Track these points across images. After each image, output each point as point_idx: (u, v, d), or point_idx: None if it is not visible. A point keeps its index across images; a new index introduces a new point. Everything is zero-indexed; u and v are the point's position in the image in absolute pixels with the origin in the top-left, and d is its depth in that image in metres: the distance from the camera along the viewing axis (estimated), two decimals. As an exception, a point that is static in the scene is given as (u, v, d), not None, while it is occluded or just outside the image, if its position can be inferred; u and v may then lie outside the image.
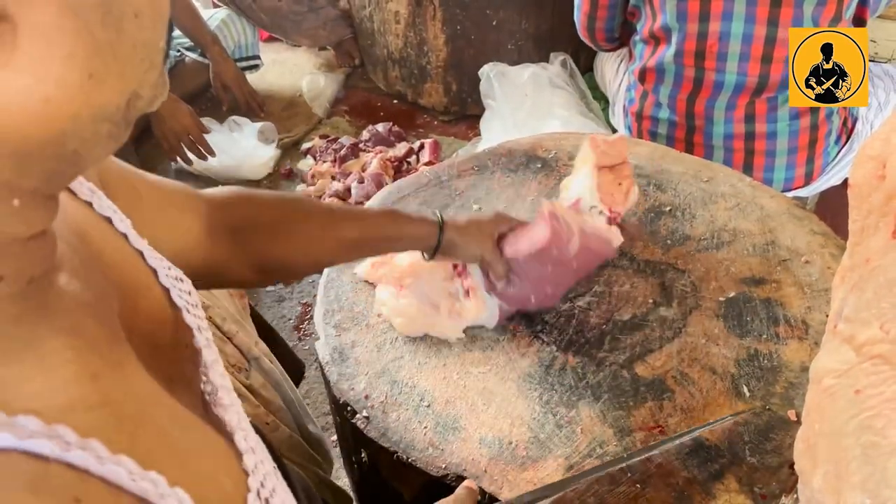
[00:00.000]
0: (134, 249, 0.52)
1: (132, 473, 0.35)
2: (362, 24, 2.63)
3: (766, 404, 0.91)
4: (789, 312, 1.01)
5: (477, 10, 2.32)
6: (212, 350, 0.53)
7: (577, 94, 2.32)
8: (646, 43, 1.61)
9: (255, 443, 0.51)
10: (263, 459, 0.51)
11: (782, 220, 1.15)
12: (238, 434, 0.49)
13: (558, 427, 0.90)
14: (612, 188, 1.07)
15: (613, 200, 1.07)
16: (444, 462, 0.88)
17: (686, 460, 0.85)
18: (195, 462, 0.42)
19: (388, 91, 2.72)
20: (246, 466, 0.47)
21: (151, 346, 0.48)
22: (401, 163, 2.27)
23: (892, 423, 0.56)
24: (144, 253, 0.52)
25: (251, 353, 1.07)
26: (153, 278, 0.52)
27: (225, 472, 0.45)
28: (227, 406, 0.51)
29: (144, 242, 0.53)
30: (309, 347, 1.79)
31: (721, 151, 1.58)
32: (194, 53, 2.52)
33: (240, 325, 1.07)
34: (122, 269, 0.49)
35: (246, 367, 1.05)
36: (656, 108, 1.62)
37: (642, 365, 0.96)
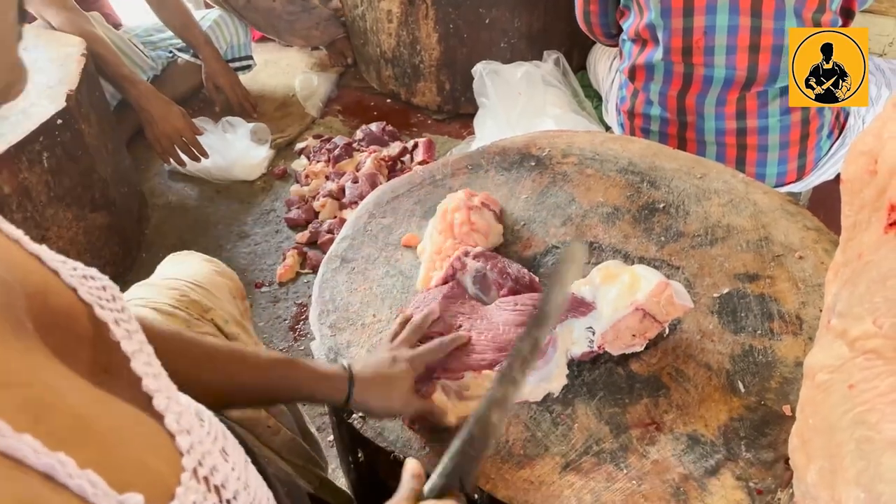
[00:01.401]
0: (30, 254, 0.53)
1: (37, 452, 0.36)
2: (355, 23, 2.62)
3: (761, 400, 0.91)
4: (783, 308, 1.02)
5: (469, 9, 2.32)
6: (132, 342, 0.55)
7: (570, 92, 2.33)
8: (634, 42, 1.62)
9: (195, 424, 0.53)
10: (204, 440, 0.52)
11: (776, 216, 1.16)
12: (169, 417, 0.50)
13: (554, 425, 0.90)
14: (626, 332, 0.94)
15: (615, 343, 0.95)
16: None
17: (682, 456, 0.85)
18: (117, 447, 0.43)
19: (381, 90, 2.72)
20: (180, 447, 0.48)
21: (74, 339, 0.50)
22: (395, 162, 2.27)
23: (885, 418, 0.57)
24: (42, 256, 0.54)
25: None
26: (57, 279, 0.53)
27: (155, 455, 0.46)
28: (154, 391, 0.52)
29: (40, 247, 0.54)
30: (305, 348, 1.79)
31: (714, 147, 1.58)
32: (186, 54, 2.52)
33: (241, 326, 1.07)
34: (26, 269, 0.51)
35: None
36: (647, 106, 1.62)
37: (637, 362, 0.96)
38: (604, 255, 1.13)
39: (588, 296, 0.96)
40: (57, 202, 1.70)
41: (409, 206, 1.26)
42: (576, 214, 1.21)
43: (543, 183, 1.28)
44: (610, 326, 0.93)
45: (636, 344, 0.95)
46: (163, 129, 2.10)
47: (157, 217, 2.23)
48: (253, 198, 2.28)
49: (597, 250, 1.14)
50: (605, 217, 1.19)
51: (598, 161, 1.31)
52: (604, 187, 1.25)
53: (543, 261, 1.13)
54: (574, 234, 1.17)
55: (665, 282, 0.93)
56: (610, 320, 0.93)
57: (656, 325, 0.94)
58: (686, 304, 0.93)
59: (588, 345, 0.94)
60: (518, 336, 0.82)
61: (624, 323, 0.93)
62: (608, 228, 1.17)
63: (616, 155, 1.32)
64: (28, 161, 1.59)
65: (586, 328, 0.95)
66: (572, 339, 0.95)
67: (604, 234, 1.16)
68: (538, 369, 0.93)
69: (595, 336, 0.94)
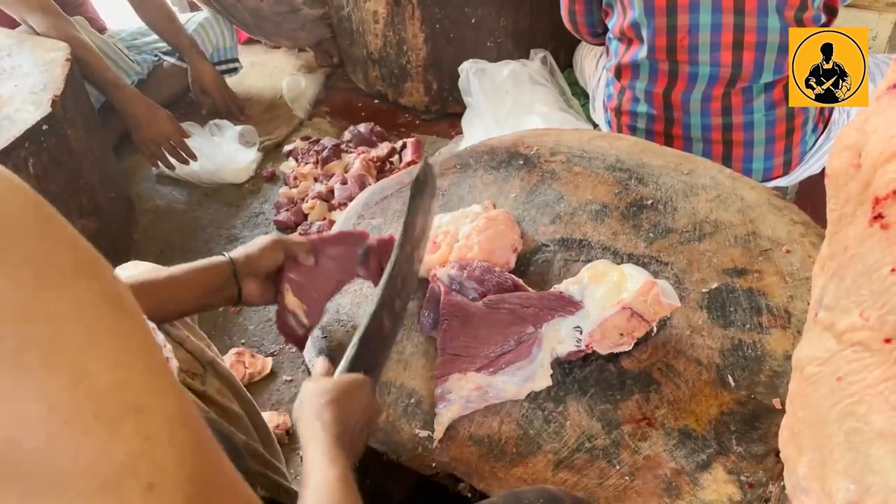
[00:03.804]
0: None
1: None
2: (341, 24, 2.62)
3: (750, 393, 0.91)
4: (772, 302, 1.02)
5: (455, 9, 2.32)
6: None
7: (557, 90, 2.33)
8: (620, 40, 1.62)
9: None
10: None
11: (763, 211, 1.16)
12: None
13: (546, 422, 0.90)
14: (614, 332, 0.94)
15: (602, 342, 0.95)
16: (433, 461, 0.88)
17: (673, 451, 0.86)
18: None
19: (368, 91, 2.72)
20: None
21: None
22: (383, 163, 2.27)
23: (873, 409, 0.57)
24: None
25: (205, 356, 1.04)
26: None
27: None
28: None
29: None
30: (295, 350, 1.78)
31: (700, 143, 1.59)
32: (172, 58, 2.50)
33: (190, 328, 1.06)
34: None
35: (200, 373, 1.02)
36: (634, 103, 1.63)
37: (628, 358, 0.97)
38: (593, 252, 1.13)
39: (576, 295, 0.96)
40: (44, 208, 1.69)
41: (399, 207, 1.26)
42: (564, 212, 1.21)
43: (532, 181, 1.28)
44: (597, 325, 0.93)
45: (624, 343, 0.96)
46: (149, 133, 2.09)
47: (146, 222, 2.22)
48: (241, 201, 2.28)
49: (586, 247, 1.14)
50: (593, 214, 1.20)
51: (586, 159, 1.32)
52: (592, 185, 1.26)
53: (533, 259, 1.13)
54: (563, 231, 1.17)
55: (651, 280, 0.93)
56: (597, 319, 0.93)
57: (644, 323, 0.94)
58: (673, 302, 0.93)
59: (575, 344, 0.95)
60: (395, 250, 0.94)
61: (611, 322, 0.93)
62: (597, 226, 1.18)
63: (604, 152, 1.33)
64: (13, 167, 1.58)
65: (573, 328, 0.95)
66: (558, 339, 0.95)
67: (592, 231, 1.17)
68: (522, 369, 0.93)
69: (583, 335, 0.94)
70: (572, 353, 0.95)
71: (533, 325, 0.95)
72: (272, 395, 1.69)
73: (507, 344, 0.94)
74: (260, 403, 1.67)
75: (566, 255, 1.13)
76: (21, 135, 1.58)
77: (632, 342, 0.96)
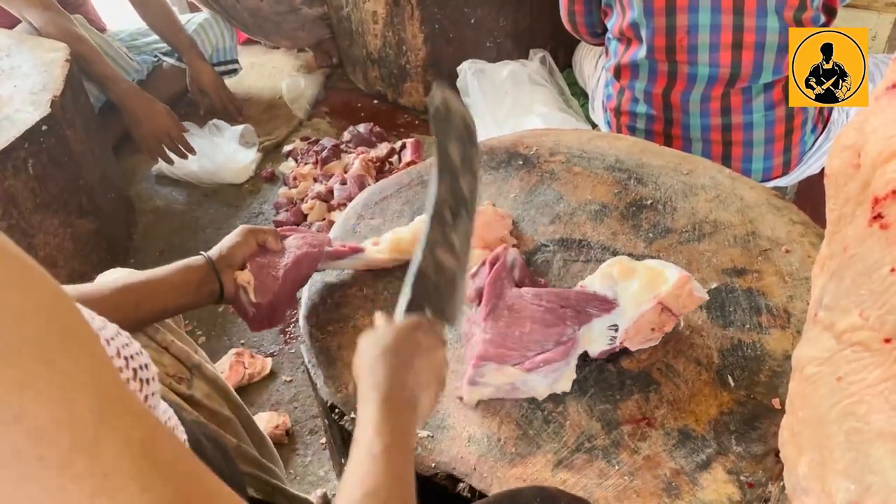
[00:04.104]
0: None
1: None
2: (340, 24, 2.62)
3: (750, 393, 0.91)
4: (771, 302, 1.02)
5: (455, 9, 2.32)
6: None
7: (557, 90, 2.33)
8: (619, 40, 1.62)
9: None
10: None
11: (762, 211, 1.16)
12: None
13: (546, 422, 0.90)
14: (647, 327, 0.94)
15: (635, 339, 0.95)
16: (433, 461, 0.88)
17: (673, 451, 0.86)
18: None
19: (368, 91, 2.72)
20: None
21: None
22: (383, 163, 2.26)
23: (873, 409, 0.57)
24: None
25: (191, 360, 1.04)
26: None
27: None
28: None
29: None
30: (295, 351, 1.78)
31: (699, 143, 1.59)
32: (171, 58, 2.50)
33: (176, 332, 1.05)
34: None
35: (187, 377, 1.02)
36: (633, 104, 1.63)
37: (628, 358, 0.97)
38: (592, 252, 1.13)
39: (609, 293, 0.95)
40: (43, 209, 1.69)
41: (398, 207, 1.26)
42: (564, 212, 1.21)
43: (531, 181, 1.28)
44: (633, 322, 0.93)
45: (654, 338, 0.96)
46: (148, 128, 2.09)
47: (145, 222, 2.22)
48: (241, 201, 2.28)
49: (585, 248, 1.14)
50: (593, 214, 1.20)
51: (585, 159, 1.32)
52: (591, 185, 1.26)
53: (533, 259, 1.13)
54: (563, 231, 1.17)
55: (687, 275, 0.92)
56: (634, 315, 0.93)
57: (672, 318, 0.94)
58: (702, 296, 0.93)
59: (608, 342, 0.94)
60: (434, 187, 0.85)
61: (646, 317, 0.93)
62: (596, 226, 1.18)
63: (603, 152, 1.33)
64: (13, 168, 1.58)
65: (608, 326, 0.94)
66: (592, 338, 0.95)
67: (592, 231, 1.17)
68: (556, 370, 0.92)
69: (618, 333, 0.94)
70: (603, 351, 0.95)
71: (573, 327, 0.94)
72: (272, 395, 1.69)
73: (547, 344, 0.94)
74: (259, 404, 1.67)
75: (566, 255, 1.14)
76: (20, 135, 1.58)
77: (660, 336, 0.96)
